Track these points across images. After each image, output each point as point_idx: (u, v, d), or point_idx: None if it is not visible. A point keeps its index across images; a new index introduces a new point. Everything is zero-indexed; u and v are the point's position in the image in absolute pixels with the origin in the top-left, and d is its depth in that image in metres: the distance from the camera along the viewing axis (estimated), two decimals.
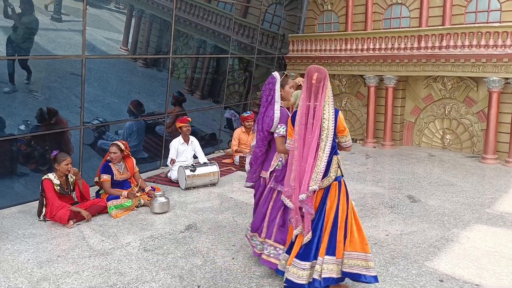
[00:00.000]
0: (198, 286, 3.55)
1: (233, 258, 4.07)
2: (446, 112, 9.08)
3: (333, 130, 3.27)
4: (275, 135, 3.72)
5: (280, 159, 3.78)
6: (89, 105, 6.37)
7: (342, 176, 3.41)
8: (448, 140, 9.19)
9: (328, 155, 3.24)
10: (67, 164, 5.11)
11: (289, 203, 3.38)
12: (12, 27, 5.36)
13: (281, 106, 3.81)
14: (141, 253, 4.20)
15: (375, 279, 3.28)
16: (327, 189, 3.33)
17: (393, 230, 4.72)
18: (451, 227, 4.80)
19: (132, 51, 7.07)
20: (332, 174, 3.31)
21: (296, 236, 3.35)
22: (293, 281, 3.24)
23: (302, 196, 3.22)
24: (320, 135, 3.23)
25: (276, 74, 3.85)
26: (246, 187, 4.13)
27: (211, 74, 8.86)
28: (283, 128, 3.67)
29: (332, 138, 3.27)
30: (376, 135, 9.74)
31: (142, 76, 7.38)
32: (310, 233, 3.27)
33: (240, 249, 4.28)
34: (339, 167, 3.37)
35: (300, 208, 3.29)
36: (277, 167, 3.78)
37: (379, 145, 9.61)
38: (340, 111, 3.39)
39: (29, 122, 5.79)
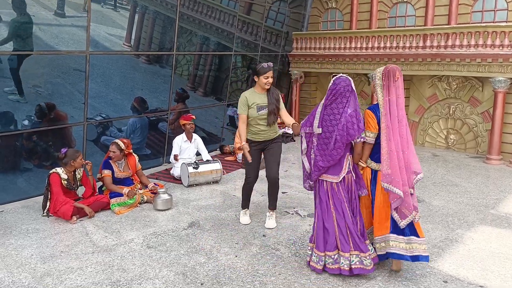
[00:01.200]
0: (202, 284, 3.54)
1: (236, 256, 4.05)
2: (451, 112, 9.04)
3: None
4: (360, 139, 3.63)
5: (349, 162, 3.71)
6: (92, 101, 6.36)
7: None
8: (452, 140, 9.15)
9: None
10: (81, 159, 5.19)
11: (397, 191, 3.45)
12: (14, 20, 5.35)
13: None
14: (144, 250, 4.19)
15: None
16: None
17: None
18: (455, 228, 4.78)
19: (135, 47, 7.06)
20: None
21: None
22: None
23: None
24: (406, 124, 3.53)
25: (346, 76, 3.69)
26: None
27: (214, 71, 8.84)
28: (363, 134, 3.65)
29: None
30: None
31: (144, 73, 7.36)
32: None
33: (243, 247, 4.27)
34: None
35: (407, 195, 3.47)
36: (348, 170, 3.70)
37: None
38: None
39: (32, 118, 5.78)
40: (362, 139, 3.63)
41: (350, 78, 3.69)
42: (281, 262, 3.93)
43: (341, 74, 3.74)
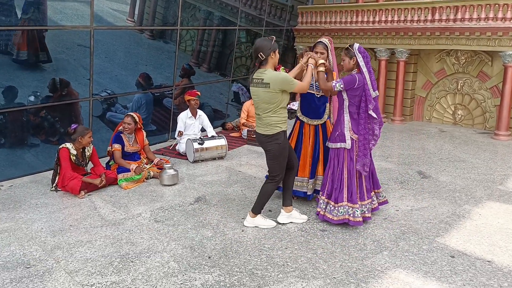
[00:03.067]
0: (209, 257, 3.58)
1: (242, 231, 4.08)
2: (459, 87, 8.93)
3: None
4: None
5: None
6: (97, 77, 6.32)
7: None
8: (459, 116, 9.07)
9: None
10: (90, 137, 5.17)
11: None
12: None
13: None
14: (152, 224, 4.22)
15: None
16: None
17: (403, 206, 4.71)
18: (463, 204, 4.78)
19: (138, 23, 6.96)
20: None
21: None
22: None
23: None
24: None
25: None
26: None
27: (218, 46, 8.73)
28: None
29: None
30: (386, 110, 9.64)
31: (148, 48, 7.28)
32: None
33: None
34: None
35: None
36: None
37: (389, 120, 9.52)
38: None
39: (38, 93, 5.76)
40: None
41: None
42: (287, 237, 3.96)
43: (355, 44, 4.09)
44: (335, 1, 10.59)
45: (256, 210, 4.13)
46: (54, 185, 5.14)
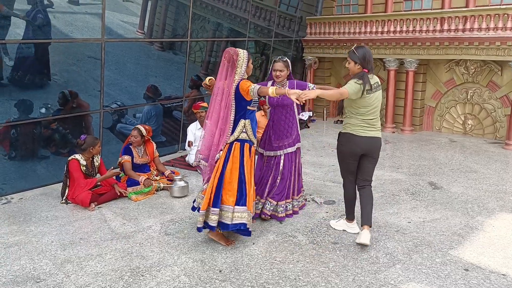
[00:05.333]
0: (220, 271, 3.55)
1: (253, 243, 4.05)
2: (468, 96, 8.87)
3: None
4: None
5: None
6: (107, 89, 6.37)
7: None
8: (470, 126, 9.00)
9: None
10: (100, 146, 5.27)
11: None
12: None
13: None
14: (162, 237, 4.21)
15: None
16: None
17: (415, 218, 4.65)
18: (475, 215, 4.71)
19: (148, 35, 7.02)
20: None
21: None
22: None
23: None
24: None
25: None
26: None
27: None
28: None
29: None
30: (395, 120, 9.59)
31: (158, 60, 7.33)
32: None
33: (261, 234, 4.26)
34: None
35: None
36: None
37: (398, 130, 9.47)
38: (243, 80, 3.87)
39: (49, 106, 5.81)
40: None
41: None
42: (298, 250, 3.92)
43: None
44: (343, 12, 10.62)
45: (370, 221, 3.98)
46: (64, 197, 5.16)
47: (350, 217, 4.30)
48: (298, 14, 10.22)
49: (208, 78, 4.54)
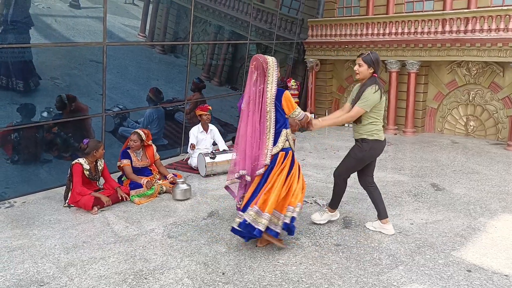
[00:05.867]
0: (223, 273, 3.56)
1: (256, 246, 4.05)
2: (470, 98, 8.87)
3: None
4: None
5: None
6: (109, 92, 6.40)
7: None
8: (471, 127, 8.99)
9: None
10: (103, 149, 5.27)
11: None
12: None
13: None
14: (165, 240, 4.22)
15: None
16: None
17: (417, 219, 4.65)
18: (478, 216, 4.71)
19: (149, 38, 7.04)
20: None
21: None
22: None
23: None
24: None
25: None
26: None
27: (229, 60, 8.79)
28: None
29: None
30: (397, 121, 9.59)
31: (159, 63, 7.36)
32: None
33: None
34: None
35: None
36: None
37: (400, 132, 9.47)
38: (286, 91, 3.82)
39: (51, 109, 5.83)
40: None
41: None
42: (301, 252, 3.92)
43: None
44: (345, 14, 10.64)
45: (384, 214, 4.25)
46: (67, 201, 5.17)
47: (335, 207, 4.52)
48: (299, 17, 10.24)
49: None
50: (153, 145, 5.97)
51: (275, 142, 3.80)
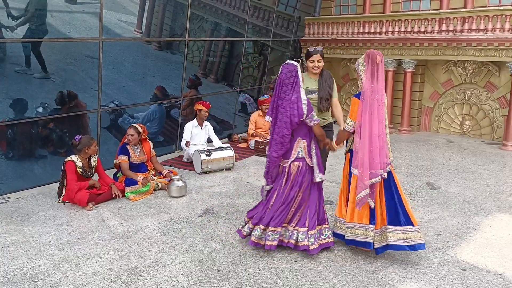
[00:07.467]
0: (218, 271, 3.55)
1: None
2: (466, 97, 8.90)
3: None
4: (314, 122, 3.77)
5: (300, 148, 3.84)
6: (105, 88, 6.36)
7: None
8: (467, 126, 9.03)
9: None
10: (95, 146, 5.22)
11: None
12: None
13: None
14: (160, 237, 4.21)
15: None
16: None
17: None
18: (472, 215, 4.73)
19: (146, 34, 7.01)
20: None
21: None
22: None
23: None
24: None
25: (293, 62, 3.84)
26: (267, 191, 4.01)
27: (225, 57, 8.77)
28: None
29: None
30: (393, 120, 9.61)
31: (156, 59, 7.33)
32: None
33: None
34: None
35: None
36: (298, 156, 3.83)
37: (396, 130, 9.49)
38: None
39: (46, 105, 5.80)
40: (315, 122, 3.76)
41: (295, 63, 3.77)
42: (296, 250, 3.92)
43: (288, 61, 3.84)
44: (342, 12, 10.63)
45: None
46: (61, 197, 5.14)
47: None
48: (296, 14, 10.22)
49: None
50: (150, 141, 5.96)
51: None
